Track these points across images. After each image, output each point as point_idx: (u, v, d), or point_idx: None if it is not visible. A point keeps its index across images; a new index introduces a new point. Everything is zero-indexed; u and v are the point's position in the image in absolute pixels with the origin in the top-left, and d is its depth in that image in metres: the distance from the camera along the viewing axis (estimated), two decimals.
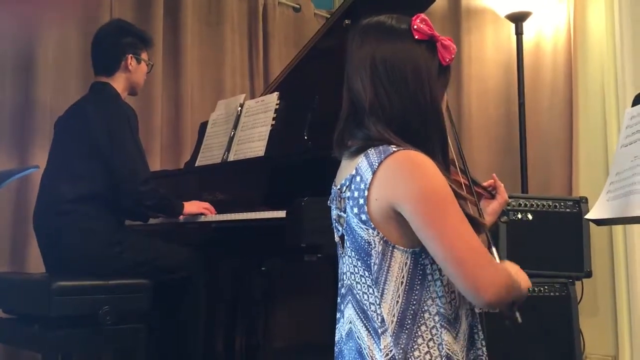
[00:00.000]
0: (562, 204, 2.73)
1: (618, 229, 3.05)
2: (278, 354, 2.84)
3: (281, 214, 2.21)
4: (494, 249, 1.35)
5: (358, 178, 1.20)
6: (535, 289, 2.58)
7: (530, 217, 2.71)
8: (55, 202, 2.37)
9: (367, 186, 1.18)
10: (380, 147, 1.19)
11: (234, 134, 2.83)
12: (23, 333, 2.26)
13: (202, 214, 2.54)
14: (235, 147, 2.78)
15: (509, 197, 2.67)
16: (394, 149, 1.18)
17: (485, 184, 1.49)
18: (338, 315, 1.29)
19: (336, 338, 1.29)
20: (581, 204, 2.72)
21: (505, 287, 1.14)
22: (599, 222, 1.54)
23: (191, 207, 2.54)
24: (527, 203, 2.72)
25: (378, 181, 1.17)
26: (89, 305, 2.12)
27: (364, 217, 1.19)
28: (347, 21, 2.68)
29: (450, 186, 1.18)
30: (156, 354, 2.54)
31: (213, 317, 2.81)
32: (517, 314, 1.29)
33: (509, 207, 2.69)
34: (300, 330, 2.92)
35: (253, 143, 2.68)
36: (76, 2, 3.10)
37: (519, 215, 2.70)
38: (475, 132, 3.64)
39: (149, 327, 2.31)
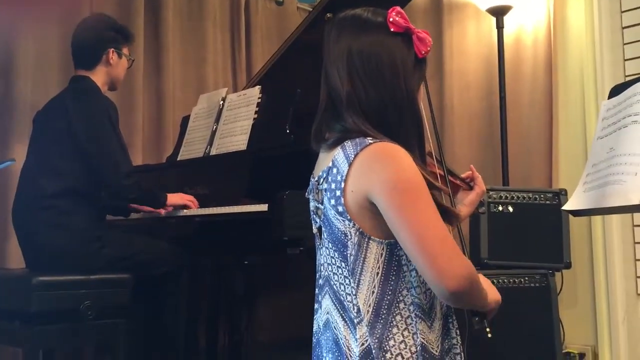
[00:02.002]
0: (542, 196, 2.75)
1: (597, 220, 3.09)
2: (261, 348, 2.85)
3: (263, 207, 2.22)
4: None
5: (335, 170, 1.21)
6: (516, 280, 2.61)
7: (510, 209, 2.73)
8: (34, 197, 2.36)
9: (344, 178, 1.19)
10: (357, 140, 1.20)
11: (216, 127, 2.83)
12: (4, 329, 2.24)
13: (185, 205, 2.54)
14: (218, 141, 2.77)
15: (490, 190, 2.71)
16: (370, 141, 1.19)
17: (463, 175, 1.50)
18: (316, 306, 1.30)
19: (314, 329, 1.30)
20: (561, 196, 2.75)
21: (468, 280, 1.14)
22: (575, 212, 1.56)
23: (175, 198, 2.53)
24: (507, 195, 2.74)
25: (354, 173, 1.18)
26: (70, 300, 2.12)
27: (340, 208, 1.20)
28: (329, 14, 2.69)
29: (426, 177, 1.19)
30: (139, 349, 2.54)
31: (195, 312, 2.81)
32: (487, 328, 1.29)
33: (489, 200, 2.71)
34: (284, 324, 2.92)
35: (235, 137, 2.68)
36: None
37: (500, 208, 2.72)
38: (456, 126, 3.67)
39: (131, 322, 2.30)
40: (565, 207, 1.56)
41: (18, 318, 2.15)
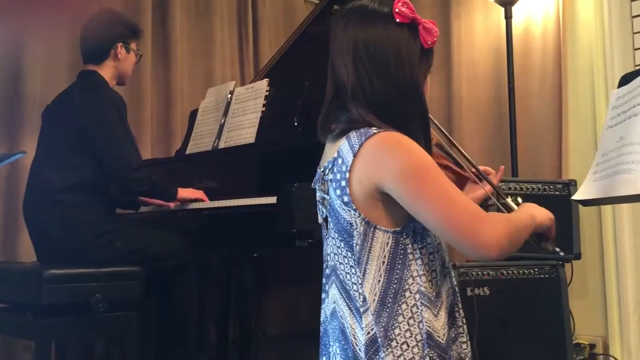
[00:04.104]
0: (551, 187, 2.74)
1: (607, 211, 3.08)
2: (271, 340, 2.86)
3: (272, 200, 2.22)
4: (509, 199, 1.42)
5: (340, 160, 1.22)
6: (525, 271, 2.60)
7: (520, 200, 2.71)
8: (44, 191, 2.37)
9: (349, 168, 1.19)
10: (362, 130, 1.21)
11: (224, 121, 2.83)
12: (16, 322, 2.27)
13: (195, 199, 2.55)
14: (226, 134, 2.78)
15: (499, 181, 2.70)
16: (374, 131, 1.19)
17: (481, 168, 1.50)
18: (323, 295, 1.31)
19: (321, 318, 1.30)
20: (570, 186, 2.73)
21: (506, 237, 1.18)
22: (585, 202, 1.55)
23: (185, 192, 2.55)
24: (516, 186, 2.73)
25: (360, 163, 1.18)
26: (81, 293, 2.14)
27: (346, 198, 1.20)
28: (335, 7, 2.68)
29: None
30: (149, 342, 2.55)
31: (205, 305, 2.82)
32: (549, 246, 1.32)
33: None
34: (294, 315, 2.93)
35: (243, 130, 2.68)
36: None
37: (509, 199, 2.71)
38: (465, 117, 3.65)
39: (142, 315, 2.32)
40: (575, 196, 1.56)
41: (30, 311, 2.17)
